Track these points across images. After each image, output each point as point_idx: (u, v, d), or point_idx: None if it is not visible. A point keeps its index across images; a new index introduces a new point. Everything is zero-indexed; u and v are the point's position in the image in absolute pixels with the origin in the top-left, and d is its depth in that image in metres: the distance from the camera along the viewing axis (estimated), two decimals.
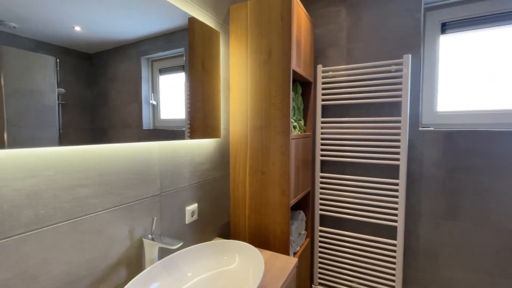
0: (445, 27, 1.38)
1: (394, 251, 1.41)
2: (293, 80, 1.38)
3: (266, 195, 1.18)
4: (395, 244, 1.40)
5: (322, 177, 1.58)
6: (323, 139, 1.57)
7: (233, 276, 0.85)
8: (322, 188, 1.59)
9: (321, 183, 1.59)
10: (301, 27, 1.25)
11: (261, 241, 1.21)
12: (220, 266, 0.89)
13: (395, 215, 1.39)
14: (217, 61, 1.10)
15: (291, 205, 1.18)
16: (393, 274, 1.40)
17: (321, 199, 1.59)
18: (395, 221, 1.39)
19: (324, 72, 1.54)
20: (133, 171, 0.80)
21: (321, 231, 1.60)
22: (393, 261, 1.40)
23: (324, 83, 1.55)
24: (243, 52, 1.20)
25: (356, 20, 1.48)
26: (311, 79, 1.48)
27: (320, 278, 1.61)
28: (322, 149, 1.57)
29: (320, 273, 1.61)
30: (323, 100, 1.55)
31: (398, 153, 1.38)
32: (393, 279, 1.39)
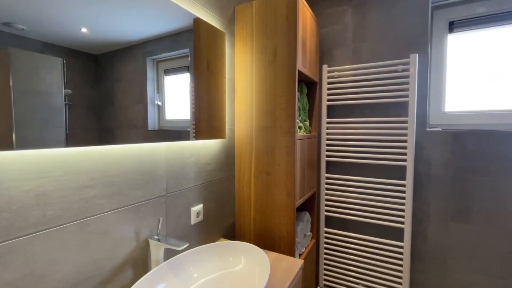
0: (453, 26, 1.36)
1: (401, 253, 1.39)
2: (298, 80, 1.37)
3: (271, 196, 1.18)
4: (402, 246, 1.38)
5: (327, 178, 1.57)
6: (328, 139, 1.56)
7: (239, 277, 0.84)
8: (327, 189, 1.57)
9: (327, 184, 1.57)
10: (307, 27, 1.24)
11: (266, 242, 1.20)
12: (226, 267, 0.88)
13: (402, 216, 1.37)
14: (222, 61, 1.10)
15: (297, 206, 1.17)
16: (400, 276, 1.38)
17: (327, 200, 1.57)
18: (402, 222, 1.37)
19: (329, 72, 1.53)
20: (139, 171, 0.80)
21: (326, 232, 1.58)
22: (400, 264, 1.38)
23: (329, 83, 1.54)
24: (248, 52, 1.19)
25: (362, 19, 1.47)
26: (317, 79, 1.47)
27: (325, 280, 1.60)
28: (327, 150, 1.56)
29: (325, 274, 1.59)
30: (329, 100, 1.54)
31: (405, 153, 1.36)
32: (400, 281, 1.37)
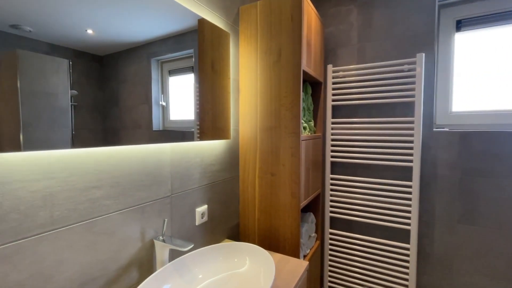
0: (460, 25, 1.34)
1: (407, 255, 1.37)
2: (303, 80, 1.37)
3: (275, 197, 1.17)
4: (408, 248, 1.36)
5: (332, 179, 1.56)
6: (333, 140, 1.55)
7: (244, 279, 0.84)
8: (332, 190, 1.56)
9: (332, 185, 1.56)
10: (311, 26, 1.23)
11: (271, 243, 1.20)
12: (230, 268, 0.88)
13: (408, 218, 1.36)
14: (226, 62, 1.10)
15: (301, 207, 1.17)
16: (406, 279, 1.37)
17: (332, 201, 1.56)
18: (408, 224, 1.35)
19: (334, 72, 1.52)
20: (144, 172, 0.80)
21: (331, 233, 1.57)
22: (406, 266, 1.36)
23: (334, 83, 1.53)
24: (252, 52, 1.19)
25: (367, 19, 1.45)
26: (321, 79, 1.46)
27: (330, 281, 1.58)
28: (332, 150, 1.54)
29: (330, 276, 1.58)
30: (334, 100, 1.53)
31: (411, 154, 1.34)
32: (406, 284, 1.36)
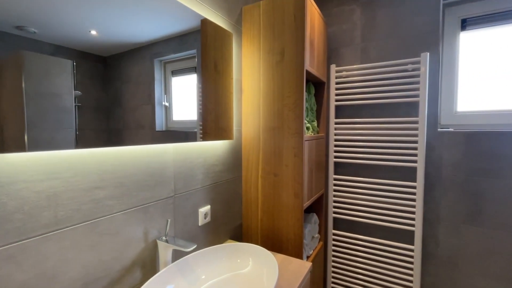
0: (465, 24, 1.32)
1: (411, 257, 1.36)
2: (306, 80, 1.36)
3: (278, 198, 1.17)
4: (412, 249, 1.35)
5: (335, 179, 1.55)
6: (336, 140, 1.54)
7: (247, 279, 0.84)
8: (335, 190, 1.55)
9: (335, 185, 1.55)
10: (315, 26, 1.23)
11: (274, 244, 1.19)
12: (234, 269, 0.88)
13: (412, 219, 1.34)
14: (229, 62, 1.10)
15: (304, 208, 1.16)
16: (410, 280, 1.35)
17: (335, 201, 1.55)
18: (412, 225, 1.34)
19: (337, 72, 1.51)
20: (148, 173, 0.80)
21: (334, 234, 1.56)
22: (411, 267, 1.35)
23: (337, 83, 1.52)
24: (255, 52, 1.19)
25: (370, 18, 1.44)
26: (325, 79, 1.45)
27: (333, 283, 1.57)
28: (335, 151, 1.54)
29: (333, 277, 1.57)
30: (337, 100, 1.52)
31: (415, 155, 1.33)
32: (410, 285, 1.34)
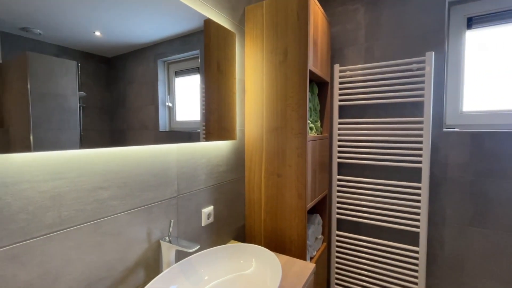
0: (471, 22, 1.31)
1: (416, 258, 1.34)
2: (309, 80, 1.35)
3: (282, 198, 1.16)
4: (417, 251, 1.33)
5: (339, 180, 1.54)
6: (340, 140, 1.53)
7: (250, 280, 0.83)
8: (339, 191, 1.54)
9: (339, 186, 1.54)
10: (318, 26, 1.22)
11: (277, 245, 1.19)
12: (237, 270, 0.87)
13: (417, 220, 1.33)
14: (232, 62, 1.09)
15: (308, 209, 1.15)
16: (415, 283, 1.34)
17: (339, 202, 1.54)
18: (417, 226, 1.33)
19: (341, 71, 1.50)
20: (151, 173, 0.80)
21: (338, 235, 1.55)
22: (415, 269, 1.33)
23: (341, 83, 1.51)
24: (258, 52, 1.18)
25: (374, 17, 1.43)
26: (328, 79, 1.45)
27: (337, 284, 1.56)
28: (339, 151, 1.52)
29: (337, 279, 1.56)
30: (341, 100, 1.51)
31: (420, 155, 1.31)
32: None
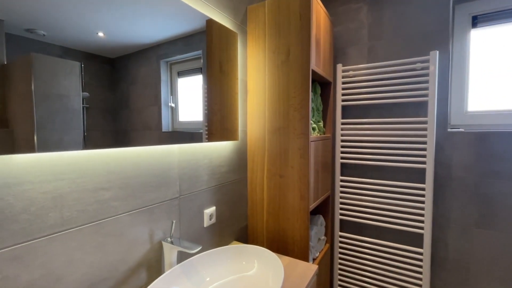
0: (477, 21, 1.29)
1: (420, 260, 1.33)
2: (312, 80, 1.34)
3: (284, 199, 1.15)
4: (421, 252, 1.32)
5: (342, 181, 1.53)
6: (343, 141, 1.52)
7: (252, 282, 0.83)
8: (342, 192, 1.53)
9: (342, 187, 1.53)
10: (320, 25, 1.21)
11: (280, 246, 1.18)
12: (238, 271, 0.87)
13: (422, 221, 1.31)
14: (234, 62, 1.09)
15: (310, 210, 1.15)
16: (419, 284, 1.32)
17: (342, 203, 1.53)
18: (422, 228, 1.31)
19: (344, 71, 1.49)
20: (153, 174, 0.80)
21: (341, 236, 1.54)
22: (420, 271, 1.32)
23: (344, 83, 1.50)
24: (260, 52, 1.18)
25: (378, 16, 1.42)
26: (331, 79, 1.44)
27: (340, 286, 1.55)
28: (342, 152, 1.51)
29: (340, 280, 1.55)
30: (343, 100, 1.50)
31: (424, 155, 1.30)
32: None
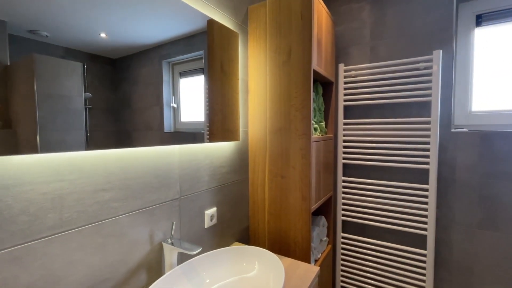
0: (481, 19, 1.27)
1: (423, 262, 1.31)
2: (313, 80, 1.33)
3: (286, 200, 1.15)
4: (424, 254, 1.30)
5: (344, 182, 1.52)
6: (345, 141, 1.51)
7: (252, 283, 0.82)
8: (344, 192, 1.52)
9: (344, 187, 1.52)
10: (322, 25, 1.20)
11: (281, 247, 1.18)
12: (239, 273, 0.86)
13: (425, 222, 1.30)
14: (236, 62, 1.09)
15: (312, 211, 1.14)
16: (423, 286, 1.31)
17: (344, 204, 1.52)
18: (425, 229, 1.30)
19: (346, 71, 1.48)
20: (153, 174, 0.80)
21: (343, 238, 1.53)
22: (423, 273, 1.30)
23: (346, 83, 1.49)
24: (262, 52, 1.17)
25: (380, 15, 1.41)
26: (333, 79, 1.43)
27: (342, 287, 1.54)
28: (344, 152, 1.50)
29: (342, 281, 1.54)
30: (345, 100, 1.49)
31: (427, 156, 1.28)
32: None
